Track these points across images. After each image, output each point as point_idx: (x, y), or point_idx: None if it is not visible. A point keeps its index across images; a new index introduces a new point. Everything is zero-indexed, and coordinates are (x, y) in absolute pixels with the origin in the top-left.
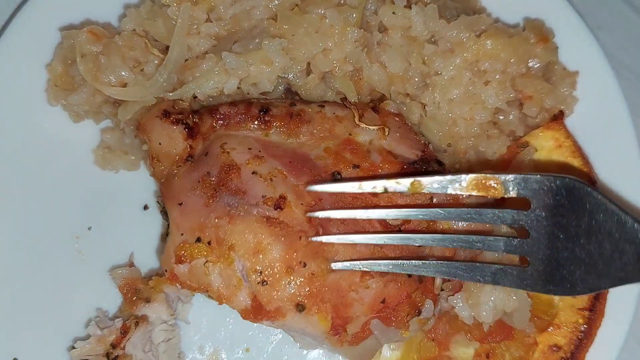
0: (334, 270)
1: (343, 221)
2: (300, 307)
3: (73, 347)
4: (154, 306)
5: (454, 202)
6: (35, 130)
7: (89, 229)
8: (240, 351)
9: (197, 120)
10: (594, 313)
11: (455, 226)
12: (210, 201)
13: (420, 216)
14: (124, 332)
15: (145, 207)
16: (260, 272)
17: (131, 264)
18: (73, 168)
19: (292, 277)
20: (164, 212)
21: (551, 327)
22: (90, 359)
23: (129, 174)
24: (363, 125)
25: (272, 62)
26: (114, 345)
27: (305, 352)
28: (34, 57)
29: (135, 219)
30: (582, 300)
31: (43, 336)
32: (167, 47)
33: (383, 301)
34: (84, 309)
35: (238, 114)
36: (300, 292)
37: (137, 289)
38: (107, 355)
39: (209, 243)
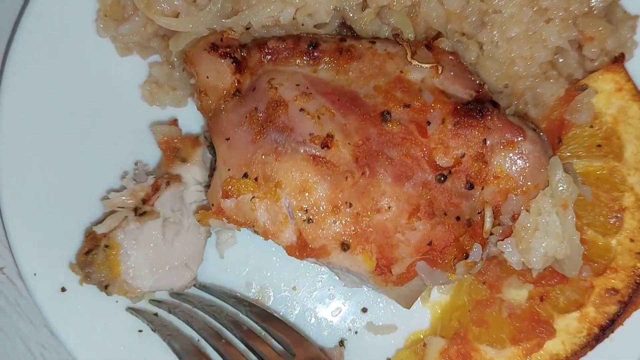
0: (379, 211)
1: (391, 162)
2: (345, 246)
3: (107, 198)
4: (188, 167)
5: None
6: (83, 63)
7: (136, 164)
8: (287, 289)
9: (245, 54)
10: None
11: (507, 171)
12: (258, 137)
13: None
14: (155, 189)
15: None
16: (306, 210)
17: (173, 122)
18: (120, 103)
19: (337, 216)
20: (211, 147)
21: (608, 271)
22: (121, 211)
23: (176, 110)
24: (415, 62)
25: None
26: (144, 201)
27: (350, 292)
28: None
29: None
30: None
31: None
32: None
33: (430, 243)
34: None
35: (286, 48)
36: (346, 231)
37: (176, 148)
38: (135, 210)
39: (256, 179)
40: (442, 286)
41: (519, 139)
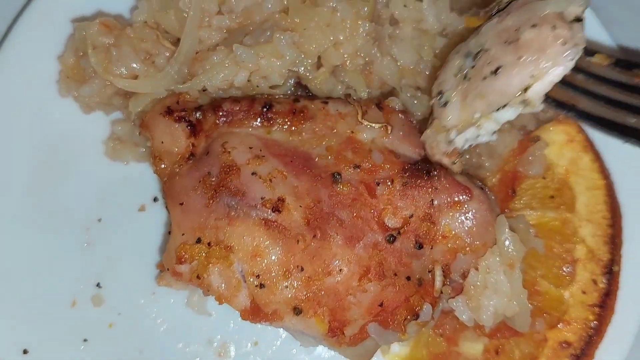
0: (331, 274)
1: (341, 223)
2: (297, 311)
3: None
4: None
5: (454, 204)
6: (46, 121)
7: (99, 220)
8: (249, 345)
9: (200, 117)
10: (605, 310)
11: (455, 231)
12: (211, 201)
13: None
14: None
15: (155, 199)
16: (258, 275)
17: None
18: (83, 159)
19: (289, 281)
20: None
21: (561, 324)
22: None
23: (138, 165)
24: (366, 122)
25: (282, 55)
26: None
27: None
28: (46, 48)
29: (145, 210)
30: (593, 296)
31: (52, 324)
32: (179, 40)
33: (381, 304)
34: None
35: (241, 111)
36: (297, 295)
37: None
38: None
39: (209, 244)
40: None
41: (466, 198)
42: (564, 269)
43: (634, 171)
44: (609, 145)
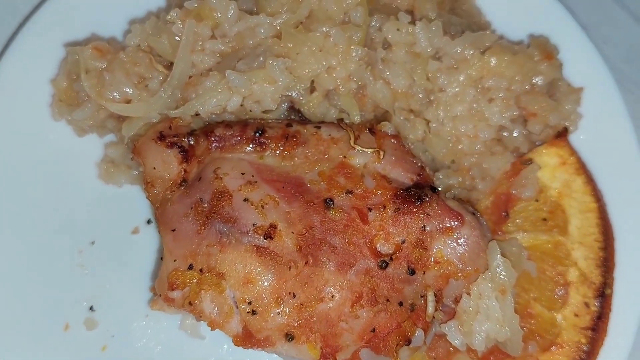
0: (323, 300)
1: (334, 250)
2: (289, 337)
3: None
4: None
5: (446, 230)
6: (40, 143)
7: (92, 243)
8: None
9: (192, 142)
10: (597, 332)
11: (447, 256)
12: (203, 228)
13: None
14: None
15: (149, 222)
16: (250, 302)
17: None
18: (77, 182)
19: (281, 307)
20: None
21: (554, 347)
22: None
23: (131, 188)
24: (358, 147)
25: (275, 81)
26: None
27: None
28: (39, 72)
29: (138, 233)
30: (585, 319)
31: (45, 348)
32: (172, 63)
33: (373, 330)
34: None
35: (233, 136)
36: (289, 322)
37: None
38: None
39: (201, 270)
40: None
41: (457, 224)
42: (557, 291)
43: (626, 194)
44: (602, 167)
